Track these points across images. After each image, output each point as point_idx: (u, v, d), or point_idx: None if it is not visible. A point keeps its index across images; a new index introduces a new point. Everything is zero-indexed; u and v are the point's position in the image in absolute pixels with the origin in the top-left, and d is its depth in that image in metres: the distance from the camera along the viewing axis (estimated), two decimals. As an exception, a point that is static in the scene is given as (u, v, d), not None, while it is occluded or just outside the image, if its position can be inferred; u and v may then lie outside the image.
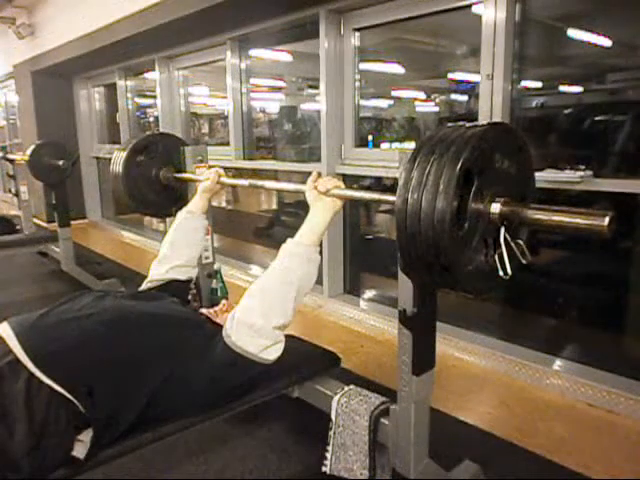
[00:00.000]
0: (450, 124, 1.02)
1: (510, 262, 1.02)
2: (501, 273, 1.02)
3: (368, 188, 3.20)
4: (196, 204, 1.83)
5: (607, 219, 0.88)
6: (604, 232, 0.88)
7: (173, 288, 1.68)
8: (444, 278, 1.00)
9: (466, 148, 0.92)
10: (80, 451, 1.14)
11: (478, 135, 0.95)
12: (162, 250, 1.77)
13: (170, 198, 2.16)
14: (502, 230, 1.01)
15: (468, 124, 1.01)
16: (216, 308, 1.62)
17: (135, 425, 1.21)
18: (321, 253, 1.38)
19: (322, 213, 1.39)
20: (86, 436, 1.14)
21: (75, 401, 1.11)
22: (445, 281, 1.02)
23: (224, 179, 1.83)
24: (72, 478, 1.14)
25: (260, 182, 1.72)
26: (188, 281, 1.77)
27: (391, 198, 1.12)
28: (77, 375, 1.15)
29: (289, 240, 1.37)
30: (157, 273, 1.71)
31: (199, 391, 1.28)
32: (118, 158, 2.04)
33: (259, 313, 1.29)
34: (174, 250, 1.75)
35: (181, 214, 1.83)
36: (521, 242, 1.05)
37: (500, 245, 1.01)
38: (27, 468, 1.08)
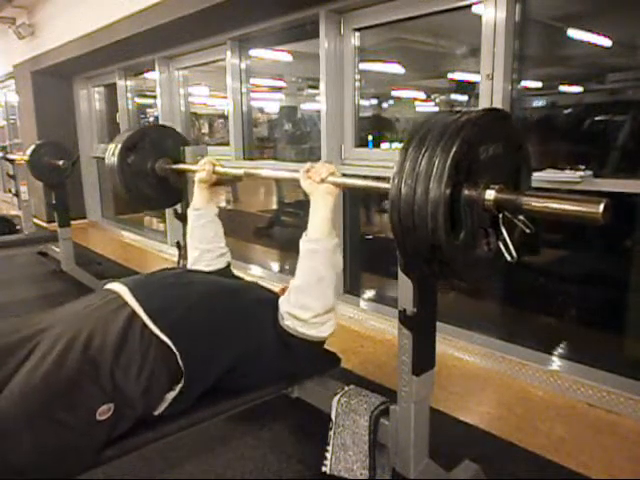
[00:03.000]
0: (443, 112, 1.02)
1: (509, 247, 1.02)
2: (508, 258, 1.02)
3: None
4: (198, 198, 1.84)
5: (602, 206, 0.87)
6: (598, 219, 0.87)
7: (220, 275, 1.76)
8: (443, 271, 1.00)
9: (458, 136, 0.91)
10: (159, 408, 1.26)
11: (472, 122, 0.94)
12: (190, 254, 1.83)
13: (168, 191, 2.13)
14: (500, 216, 1.00)
15: (462, 110, 1.00)
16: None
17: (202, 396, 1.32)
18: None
19: (322, 201, 1.39)
20: (169, 394, 1.26)
21: (177, 354, 1.22)
22: (444, 274, 1.02)
23: (219, 168, 1.83)
24: (72, 478, 1.14)
25: (255, 170, 1.72)
26: (228, 266, 1.86)
27: (385, 185, 1.11)
28: (180, 331, 1.27)
29: (304, 237, 1.38)
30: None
31: (268, 363, 1.40)
32: (113, 150, 2.01)
33: (303, 310, 1.37)
34: (197, 249, 1.81)
35: (190, 214, 1.85)
36: (522, 217, 1.04)
37: (501, 231, 1.01)
38: (140, 407, 1.19)
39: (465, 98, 2.60)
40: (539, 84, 2.18)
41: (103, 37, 3.63)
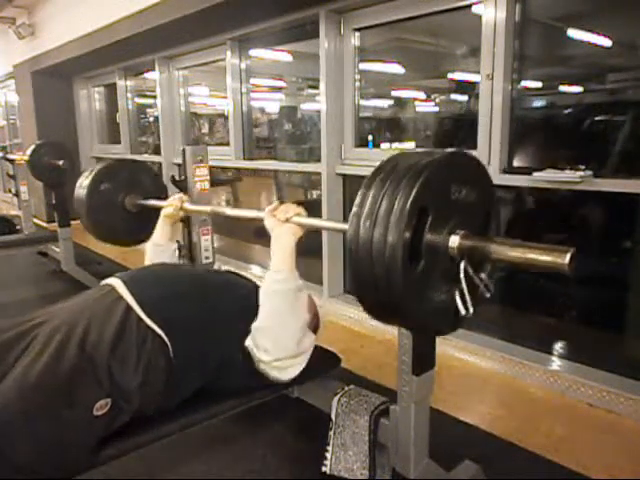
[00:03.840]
0: (408, 151, 0.98)
1: (472, 297, 0.95)
2: (462, 311, 0.96)
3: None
4: (160, 233, 1.83)
5: (568, 256, 0.83)
6: (565, 269, 0.83)
7: None
8: (397, 318, 0.95)
9: (419, 179, 0.86)
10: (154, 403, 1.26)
11: (434, 165, 0.89)
12: None
13: (140, 224, 2.09)
14: (462, 265, 0.94)
15: (425, 151, 0.96)
16: None
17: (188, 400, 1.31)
18: (320, 256, 1.38)
19: (284, 239, 1.36)
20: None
21: (169, 346, 1.22)
22: (399, 322, 0.98)
23: (187, 205, 1.83)
24: (72, 478, 1.14)
25: (221, 209, 1.71)
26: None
27: (344, 227, 1.05)
28: (173, 324, 1.26)
29: (266, 277, 1.35)
30: None
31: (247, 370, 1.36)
32: (82, 182, 2.01)
33: (262, 352, 1.32)
34: None
35: (149, 249, 1.83)
36: (484, 276, 0.99)
37: (460, 281, 0.94)
38: (137, 400, 1.19)
39: (465, 98, 2.60)
40: (539, 84, 2.18)
41: (103, 37, 3.63)
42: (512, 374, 1.99)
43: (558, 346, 2.10)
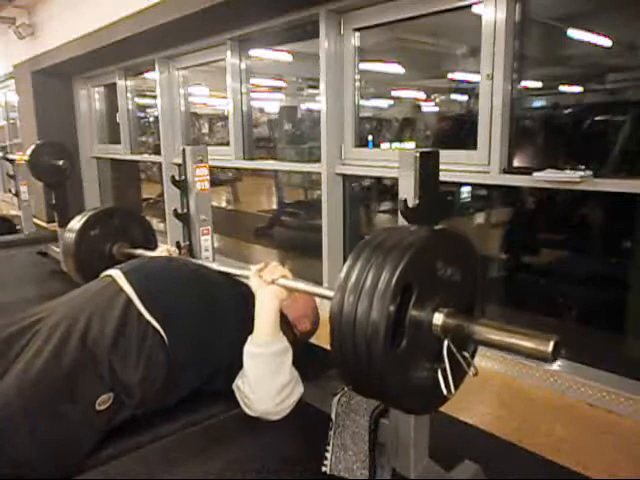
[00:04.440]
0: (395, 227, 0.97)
1: (455, 376, 0.95)
2: (444, 391, 0.95)
3: (368, 189, 3.21)
4: None
5: (551, 344, 0.82)
6: (548, 357, 0.82)
7: None
8: (379, 396, 0.95)
9: (404, 257, 0.86)
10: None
11: (419, 242, 0.90)
12: None
13: None
14: (445, 343, 0.93)
15: (411, 227, 0.96)
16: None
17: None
18: (320, 256, 1.38)
19: (268, 303, 1.34)
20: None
21: (167, 342, 1.23)
22: (380, 399, 0.97)
23: (175, 257, 1.82)
24: (72, 478, 1.14)
25: (208, 264, 1.69)
26: None
27: (329, 294, 1.04)
28: (172, 320, 1.27)
29: (249, 340, 1.32)
30: None
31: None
32: (70, 232, 2.01)
33: (244, 404, 1.33)
34: None
35: None
36: (467, 355, 0.98)
37: (443, 360, 0.93)
38: (139, 395, 1.20)
39: (465, 98, 2.60)
40: (539, 84, 2.18)
41: (103, 37, 3.63)
42: (512, 374, 1.98)
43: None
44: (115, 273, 1.37)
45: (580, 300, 2.22)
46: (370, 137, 2.82)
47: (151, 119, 4.92)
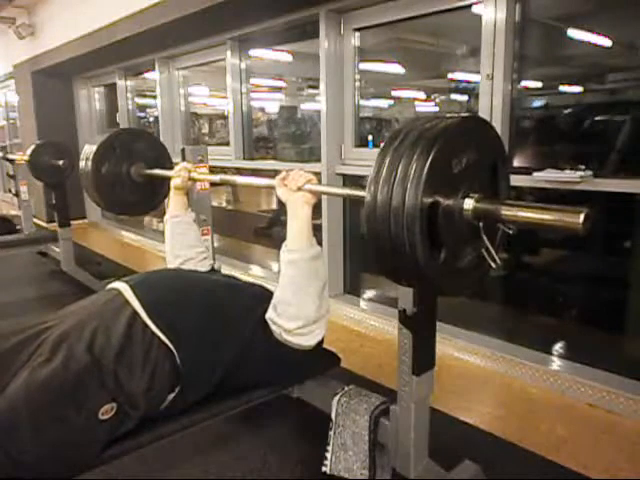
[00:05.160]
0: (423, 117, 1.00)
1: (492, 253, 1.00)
2: (492, 265, 1.01)
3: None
4: (174, 205, 1.83)
5: (582, 216, 0.85)
6: (579, 229, 0.86)
7: None
8: (422, 285, 0.99)
9: (437, 141, 0.88)
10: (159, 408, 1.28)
11: (449, 129, 0.92)
12: (172, 262, 1.81)
13: (147, 195, 2.11)
14: (480, 225, 0.98)
15: (441, 116, 0.98)
16: None
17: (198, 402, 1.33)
18: (321, 246, 1.38)
19: (299, 210, 1.36)
20: (170, 395, 1.28)
21: (176, 355, 1.24)
22: (424, 288, 1.01)
23: (195, 174, 1.83)
24: (72, 478, 1.15)
25: (231, 177, 1.71)
26: (212, 269, 1.81)
27: (362, 193, 1.07)
28: (180, 332, 1.28)
29: (283, 247, 1.35)
30: None
31: (263, 364, 1.39)
32: (87, 156, 1.99)
33: (286, 320, 1.34)
34: (179, 256, 1.79)
35: (166, 221, 1.84)
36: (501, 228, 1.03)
37: (483, 240, 0.99)
38: (143, 406, 1.20)
39: (465, 98, 2.60)
40: (539, 84, 2.18)
41: (103, 37, 3.63)
42: (512, 374, 1.99)
43: (558, 346, 2.10)
44: (121, 286, 1.38)
45: (580, 300, 2.22)
46: (370, 137, 2.82)
47: (151, 119, 4.92)
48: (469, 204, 0.97)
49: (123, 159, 2.06)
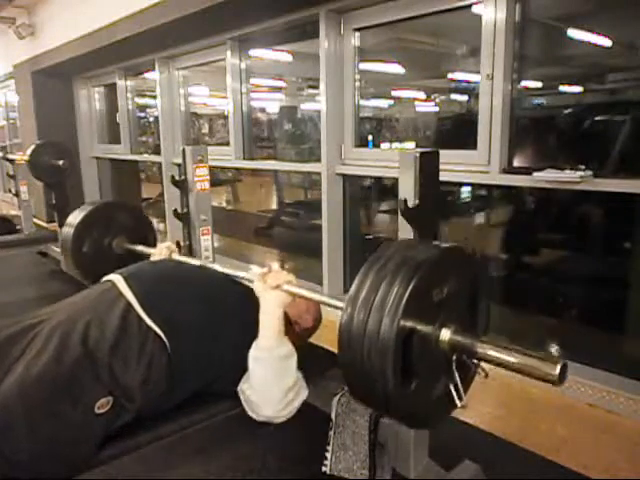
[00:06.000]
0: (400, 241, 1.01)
1: (464, 384, 0.99)
2: (457, 403, 0.99)
3: (369, 188, 3.21)
4: None
5: (558, 368, 0.84)
6: (555, 381, 0.84)
7: None
8: (390, 414, 0.98)
9: (420, 269, 0.89)
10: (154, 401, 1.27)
11: (434, 257, 0.93)
12: None
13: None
14: (453, 358, 0.97)
15: (426, 244, 0.99)
16: None
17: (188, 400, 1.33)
18: (321, 255, 1.38)
19: (273, 309, 1.34)
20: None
21: (168, 347, 1.23)
22: (390, 414, 1.00)
23: (175, 256, 1.81)
24: (72, 478, 1.14)
25: (209, 264, 1.68)
26: None
27: (340, 305, 1.06)
28: (173, 324, 1.27)
29: (254, 345, 1.33)
30: None
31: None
32: (69, 227, 2.02)
33: (249, 408, 1.36)
34: None
35: None
36: (476, 362, 1.01)
37: (453, 374, 0.97)
38: (139, 399, 1.20)
39: (465, 98, 2.60)
40: (539, 84, 2.18)
41: (103, 37, 3.63)
42: (512, 374, 1.98)
43: (558, 346, 2.10)
44: (115, 278, 1.37)
45: (580, 300, 2.22)
46: (370, 137, 2.82)
47: (151, 119, 4.92)
48: (445, 335, 0.96)
49: (106, 231, 2.10)
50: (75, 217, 2.05)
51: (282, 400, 1.31)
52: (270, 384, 1.31)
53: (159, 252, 1.83)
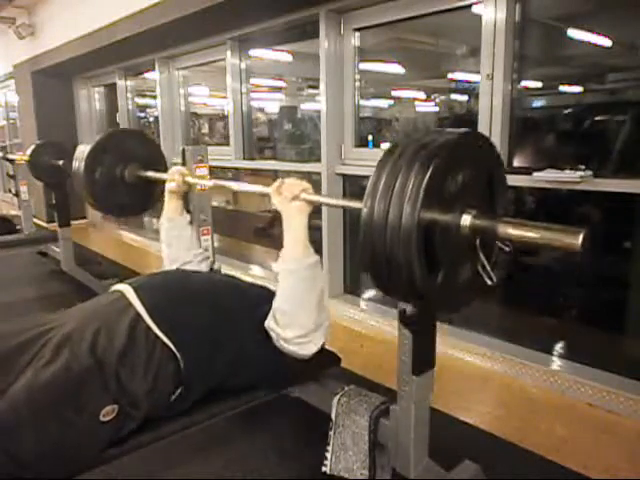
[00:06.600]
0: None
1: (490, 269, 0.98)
2: (488, 282, 0.99)
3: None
4: (169, 209, 1.83)
5: (580, 237, 0.85)
6: (577, 249, 0.85)
7: None
8: (419, 303, 0.98)
9: (436, 155, 0.88)
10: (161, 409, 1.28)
11: (449, 144, 0.91)
12: (166, 264, 1.81)
13: (142, 196, 2.09)
14: (477, 242, 0.97)
15: (441, 131, 0.97)
16: None
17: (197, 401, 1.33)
18: (321, 252, 1.38)
19: (295, 219, 1.35)
20: (172, 397, 1.28)
21: (179, 357, 1.24)
22: (421, 308, 1.01)
23: (189, 179, 1.82)
24: (72, 478, 1.15)
25: (225, 182, 1.70)
26: (212, 269, 1.83)
27: (358, 205, 1.06)
28: (182, 334, 1.28)
29: (280, 259, 1.34)
30: None
31: (263, 365, 1.40)
32: (79, 157, 1.98)
33: (285, 329, 1.34)
34: (176, 260, 1.80)
35: (161, 225, 1.85)
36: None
37: (479, 256, 0.97)
38: (145, 407, 1.20)
39: (465, 98, 2.60)
40: (539, 84, 2.18)
41: (103, 37, 3.63)
42: (512, 374, 1.99)
43: (558, 346, 2.10)
44: (124, 288, 1.38)
45: (580, 300, 2.22)
46: (370, 137, 2.82)
47: (151, 119, 4.92)
48: (466, 220, 0.96)
49: (116, 161, 2.05)
50: (82, 150, 2.02)
51: (314, 311, 1.32)
52: (304, 295, 1.31)
53: (171, 176, 1.82)
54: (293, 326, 1.33)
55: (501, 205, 1.10)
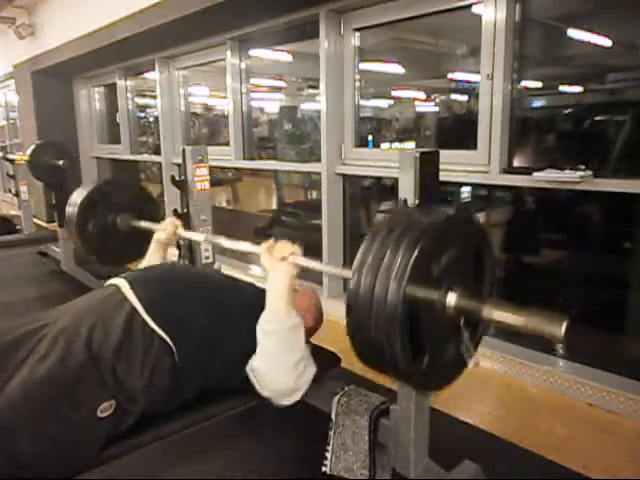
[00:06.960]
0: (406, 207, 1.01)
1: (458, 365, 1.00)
2: (470, 364, 1.03)
3: (368, 188, 3.21)
4: (152, 257, 1.79)
5: (563, 327, 0.84)
6: (560, 339, 0.85)
7: None
8: (400, 379, 1.00)
9: (424, 236, 0.89)
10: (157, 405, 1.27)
11: (438, 225, 0.94)
12: None
13: (138, 241, 2.02)
14: (462, 321, 0.98)
15: (424, 212, 0.99)
16: None
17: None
18: (321, 253, 1.38)
19: (281, 281, 1.36)
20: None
21: (175, 351, 1.24)
22: (403, 382, 1.02)
23: (181, 231, 1.81)
24: (72, 478, 1.15)
25: (217, 239, 1.68)
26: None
27: (346, 273, 1.07)
28: (178, 328, 1.28)
29: (261, 319, 1.34)
30: None
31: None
32: (71, 213, 2.03)
33: (261, 386, 1.34)
34: None
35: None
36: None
37: (462, 336, 0.99)
38: (142, 402, 1.20)
39: (465, 98, 2.60)
40: (539, 84, 2.18)
41: (103, 37, 3.63)
42: (512, 374, 1.98)
43: (558, 346, 2.10)
44: (120, 282, 1.38)
45: (580, 300, 2.22)
46: (370, 137, 2.82)
47: (151, 119, 4.92)
48: (451, 299, 0.96)
49: (109, 208, 2.10)
50: (77, 197, 2.05)
51: (293, 372, 1.31)
52: (281, 356, 1.31)
53: (164, 228, 1.81)
54: (269, 387, 1.33)
55: (488, 282, 1.10)
